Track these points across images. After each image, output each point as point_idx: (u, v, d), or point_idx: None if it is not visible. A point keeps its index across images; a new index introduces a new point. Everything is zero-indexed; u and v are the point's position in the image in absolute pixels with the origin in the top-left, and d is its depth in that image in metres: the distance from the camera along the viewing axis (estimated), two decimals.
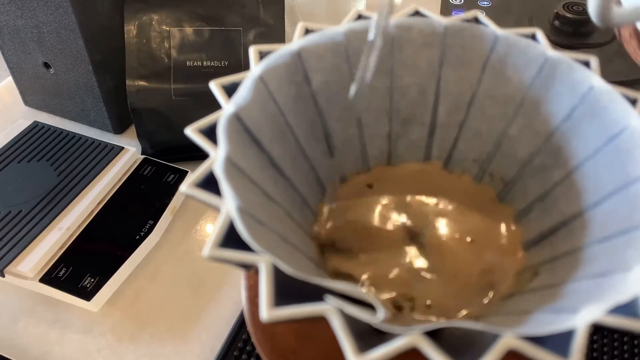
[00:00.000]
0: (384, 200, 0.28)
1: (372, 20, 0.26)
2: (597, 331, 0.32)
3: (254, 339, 0.24)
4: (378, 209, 0.28)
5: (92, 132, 0.49)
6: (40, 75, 0.48)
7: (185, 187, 0.19)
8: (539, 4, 0.57)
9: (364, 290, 0.25)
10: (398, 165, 0.29)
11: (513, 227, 0.27)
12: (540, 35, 0.26)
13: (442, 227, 0.27)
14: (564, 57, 0.24)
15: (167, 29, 0.45)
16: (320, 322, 0.16)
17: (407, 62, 0.27)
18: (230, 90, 0.23)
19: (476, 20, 0.27)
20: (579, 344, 0.15)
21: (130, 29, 0.44)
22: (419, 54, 0.27)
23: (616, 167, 0.22)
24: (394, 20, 0.26)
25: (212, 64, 0.45)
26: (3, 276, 0.35)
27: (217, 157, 0.20)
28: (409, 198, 0.28)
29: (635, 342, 0.32)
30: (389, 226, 0.27)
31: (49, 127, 0.45)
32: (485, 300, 0.24)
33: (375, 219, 0.28)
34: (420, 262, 0.26)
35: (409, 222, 0.27)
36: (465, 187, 0.29)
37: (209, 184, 0.20)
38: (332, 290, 0.17)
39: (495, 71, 0.26)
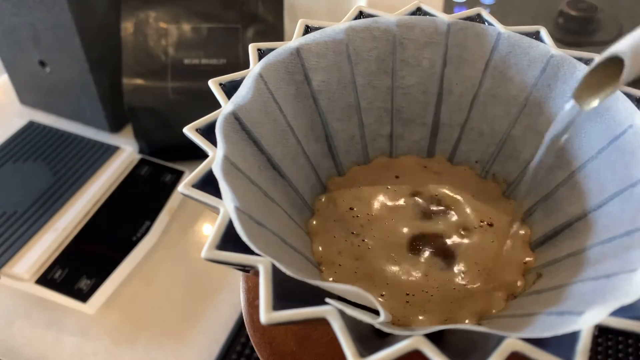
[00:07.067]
0: (389, 191, 0.27)
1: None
2: (602, 333, 0.32)
3: (252, 342, 0.23)
4: (380, 203, 0.27)
5: (88, 130, 0.49)
6: (35, 73, 0.48)
7: (182, 187, 0.19)
8: (543, 1, 0.56)
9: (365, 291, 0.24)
10: (399, 158, 0.29)
11: (519, 226, 0.26)
12: (544, 33, 0.25)
13: (452, 222, 0.26)
14: (568, 56, 0.24)
15: (165, 26, 0.44)
16: (321, 325, 0.16)
17: (409, 61, 0.27)
18: (229, 88, 0.23)
19: (479, 17, 0.26)
20: (583, 347, 0.15)
21: (127, 27, 0.44)
22: (421, 53, 0.26)
23: (620, 168, 0.22)
24: (395, 18, 0.26)
25: (210, 61, 0.44)
26: None
27: (215, 157, 0.20)
28: (414, 189, 0.28)
29: None
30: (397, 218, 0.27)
31: (45, 126, 0.45)
32: (497, 301, 0.23)
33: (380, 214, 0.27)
34: (430, 261, 0.25)
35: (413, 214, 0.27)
36: (472, 181, 0.28)
37: (207, 184, 0.19)
38: (332, 293, 0.17)
39: (497, 71, 0.26)
